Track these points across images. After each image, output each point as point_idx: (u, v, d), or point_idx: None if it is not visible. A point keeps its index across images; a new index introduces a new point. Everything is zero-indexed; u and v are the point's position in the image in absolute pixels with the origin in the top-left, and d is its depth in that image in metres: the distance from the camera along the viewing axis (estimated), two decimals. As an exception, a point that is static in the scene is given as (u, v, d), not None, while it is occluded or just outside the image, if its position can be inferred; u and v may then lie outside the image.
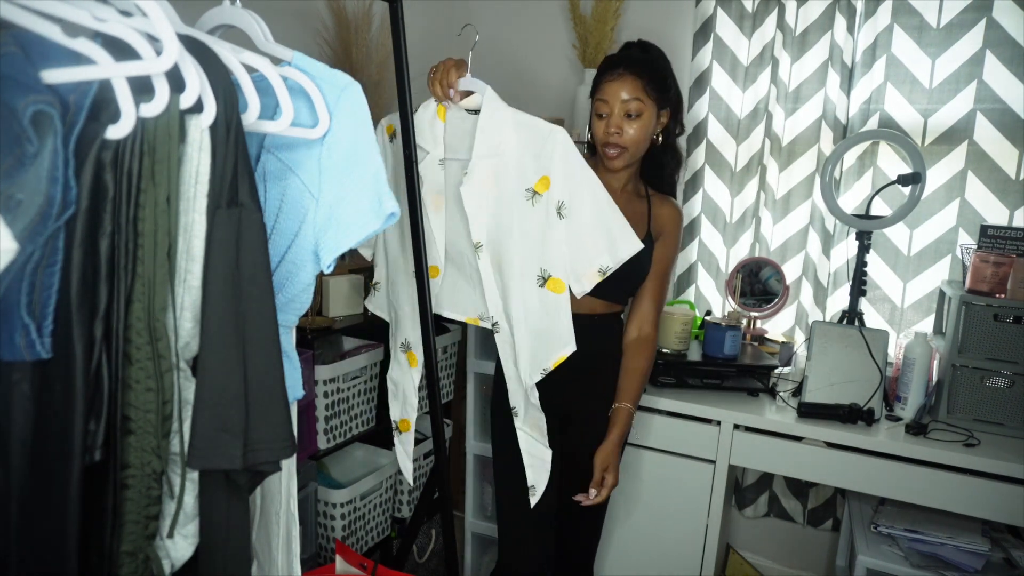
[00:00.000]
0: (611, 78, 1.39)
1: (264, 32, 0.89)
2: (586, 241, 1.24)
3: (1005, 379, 1.62)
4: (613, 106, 1.39)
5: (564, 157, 1.21)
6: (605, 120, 1.41)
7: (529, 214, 1.24)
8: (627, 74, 1.39)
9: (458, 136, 1.30)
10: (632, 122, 1.40)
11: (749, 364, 1.83)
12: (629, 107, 1.39)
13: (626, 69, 1.39)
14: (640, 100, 1.39)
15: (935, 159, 1.89)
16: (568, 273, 1.26)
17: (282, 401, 0.75)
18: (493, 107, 1.25)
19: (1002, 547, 1.64)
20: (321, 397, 1.70)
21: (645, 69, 1.40)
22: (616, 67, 1.40)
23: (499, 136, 1.24)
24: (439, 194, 1.33)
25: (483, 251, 1.29)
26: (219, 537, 0.75)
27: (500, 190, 1.25)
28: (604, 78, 1.41)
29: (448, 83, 1.28)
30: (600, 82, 1.42)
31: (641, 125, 1.40)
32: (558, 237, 1.22)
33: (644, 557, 1.85)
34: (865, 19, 1.91)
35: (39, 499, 0.64)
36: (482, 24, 2.49)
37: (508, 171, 1.24)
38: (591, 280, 1.28)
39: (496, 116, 1.24)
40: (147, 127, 0.66)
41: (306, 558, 1.74)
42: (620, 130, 1.39)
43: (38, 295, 0.61)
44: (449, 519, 1.52)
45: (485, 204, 1.27)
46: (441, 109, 1.31)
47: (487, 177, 1.25)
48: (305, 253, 0.89)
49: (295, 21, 1.85)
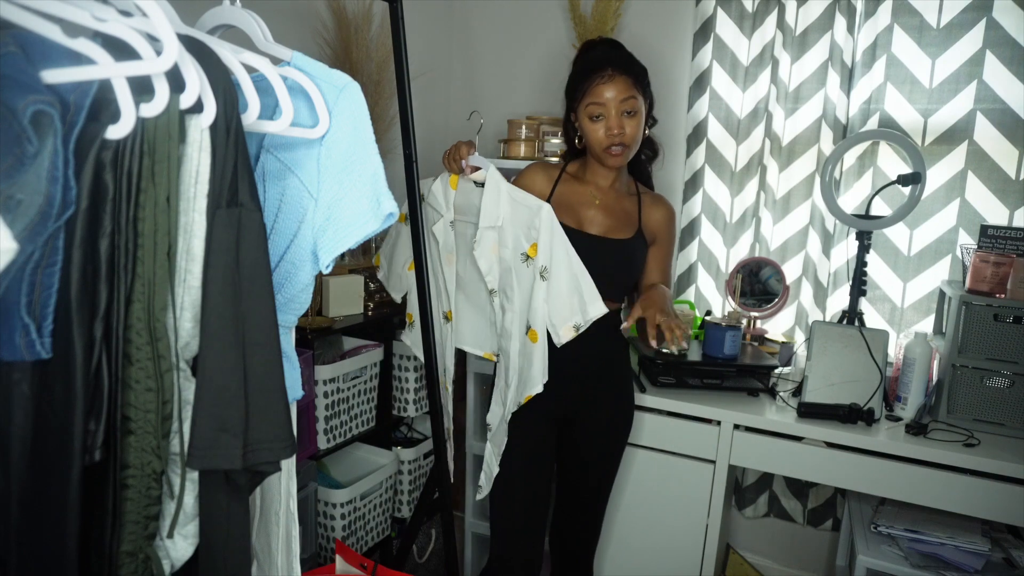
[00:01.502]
0: (601, 80, 1.40)
1: (264, 32, 0.89)
2: (563, 301, 1.42)
3: (1005, 379, 1.62)
4: (610, 107, 1.40)
5: (549, 229, 1.39)
6: (603, 122, 1.41)
7: (525, 274, 1.43)
8: (616, 74, 1.39)
9: (466, 203, 1.50)
10: (630, 119, 1.41)
11: (749, 364, 1.83)
12: (626, 106, 1.40)
13: (614, 69, 1.40)
14: (634, 97, 1.40)
15: (935, 159, 1.89)
16: (549, 326, 1.43)
17: (282, 401, 0.75)
18: (494, 184, 1.43)
19: (1002, 547, 1.64)
20: (321, 397, 1.70)
21: (630, 66, 1.42)
22: (602, 68, 1.40)
23: (498, 210, 1.43)
24: (451, 252, 1.54)
25: (495, 296, 1.49)
26: (219, 537, 0.75)
27: (502, 252, 1.46)
28: (593, 81, 1.40)
29: (460, 156, 1.45)
30: (588, 87, 1.41)
31: (638, 121, 1.42)
32: (541, 296, 1.41)
33: (644, 557, 1.85)
34: (865, 19, 1.91)
35: (39, 499, 0.64)
36: (482, 24, 2.50)
37: (507, 238, 1.44)
38: (567, 334, 1.43)
39: (496, 193, 1.43)
40: (147, 127, 0.66)
41: (306, 558, 1.74)
42: (622, 130, 1.40)
43: (38, 295, 0.61)
44: (449, 519, 1.52)
45: (494, 262, 1.47)
46: (454, 179, 1.51)
47: (492, 242, 1.46)
48: (304, 253, 0.89)
49: (295, 21, 1.85)
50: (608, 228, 1.50)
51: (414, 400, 2.00)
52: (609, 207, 1.51)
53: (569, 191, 1.51)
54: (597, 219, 1.49)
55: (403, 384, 2.00)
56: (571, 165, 1.56)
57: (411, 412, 2.01)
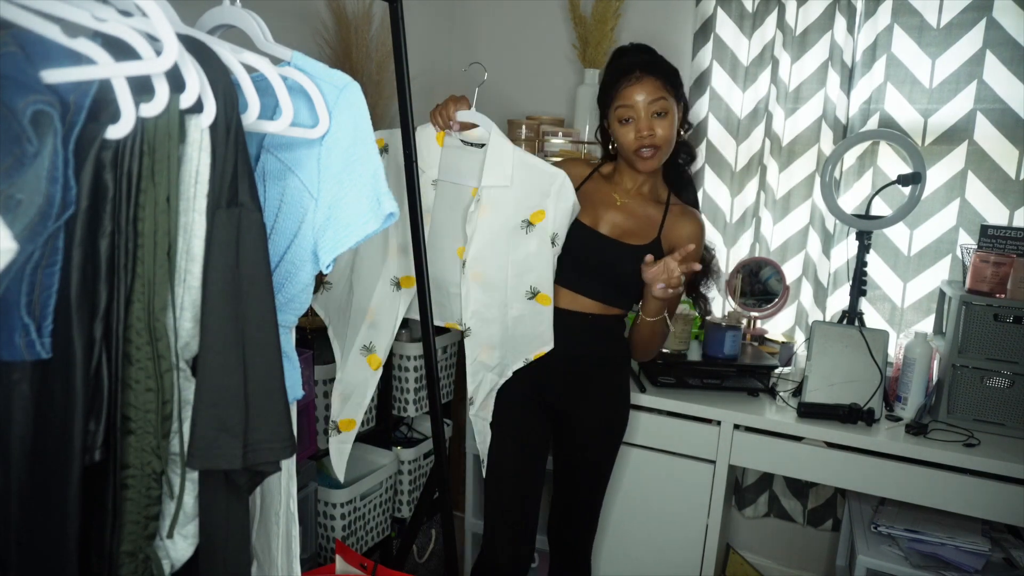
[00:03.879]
0: (630, 83, 1.39)
1: (264, 32, 0.89)
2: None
3: (1005, 379, 1.62)
4: (639, 110, 1.39)
5: (566, 197, 1.40)
6: (633, 125, 1.40)
7: (522, 240, 1.41)
8: (645, 76, 1.39)
9: (453, 162, 1.44)
10: (661, 121, 1.40)
11: (749, 364, 1.83)
12: (655, 107, 1.39)
13: (643, 71, 1.39)
14: (664, 98, 1.40)
15: (935, 159, 1.89)
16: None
17: (282, 401, 0.75)
18: (500, 144, 1.39)
19: (1002, 547, 1.64)
20: (321, 397, 1.70)
21: (660, 68, 1.41)
22: (630, 72, 1.40)
23: (505, 170, 1.39)
24: (427, 211, 1.45)
25: (467, 267, 1.43)
26: (219, 537, 0.75)
27: (494, 217, 1.41)
28: (621, 85, 1.40)
29: (448, 115, 1.40)
30: (617, 90, 1.41)
31: (669, 122, 1.41)
32: (548, 260, 1.42)
33: (644, 557, 1.85)
34: (865, 19, 1.91)
35: (39, 499, 0.64)
36: (482, 24, 2.50)
37: (507, 202, 1.40)
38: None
39: (503, 152, 1.39)
40: (147, 127, 0.66)
41: (306, 558, 1.74)
42: (652, 131, 1.39)
43: (38, 295, 0.61)
44: (449, 519, 1.52)
45: (481, 228, 1.42)
46: (440, 135, 1.45)
47: (488, 205, 1.41)
48: (304, 253, 0.88)
49: (295, 21, 1.85)
50: (623, 232, 1.47)
51: (414, 400, 2.00)
52: (630, 210, 1.49)
53: (594, 189, 1.51)
54: (613, 220, 1.48)
55: (403, 384, 1.99)
56: (606, 166, 1.56)
57: (411, 412, 2.01)
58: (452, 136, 1.44)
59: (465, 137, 1.43)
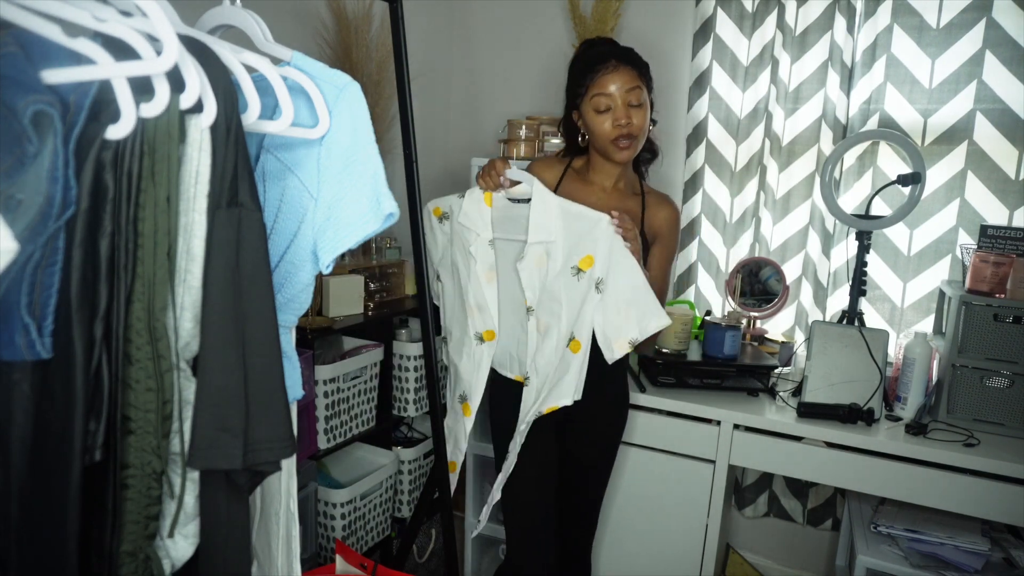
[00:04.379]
0: (607, 72, 1.38)
1: (264, 32, 0.89)
2: (620, 315, 1.39)
3: (1005, 379, 1.62)
4: (617, 98, 1.38)
5: (609, 242, 1.38)
6: (610, 114, 1.39)
7: (575, 287, 1.41)
8: (621, 65, 1.39)
9: (505, 219, 1.48)
10: (636, 110, 1.40)
11: (749, 364, 1.83)
12: (631, 97, 1.39)
13: (618, 60, 1.39)
14: (640, 88, 1.40)
15: (935, 159, 1.89)
16: (601, 341, 1.42)
17: (282, 401, 0.75)
18: (542, 198, 1.41)
19: (1002, 547, 1.64)
20: (321, 397, 1.70)
21: (634, 59, 1.41)
22: (606, 60, 1.39)
23: (549, 224, 1.41)
24: (491, 269, 1.50)
25: (533, 314, 1.46)
26: (219, 537, 0.75)
27: (550, 266, 1.43)
28: (598, 73, 1.39)
29: (498, 174, 1.43)
30: (593, 79, 1.40)
31: (643, 112, 1.41)
32: (591, 308, 1.40)
33: (644, 557, 1.85)
34: (865, 19, 1.91)
35: (39, 499, 0.64)
36: (482, 24, 2.50)
37: (557, 252, 1.42)
38: (621, 349, 1.41)
39: (545, 206, 1.41)
40: (147, 127, 0.66)
41: (306, 558, 1.74)
42: (629, 120, 1.39)
43: (38, 295, 0.61)
44: (449, 519, 1.52)
45: (537, 277, 1.45)
46: (488, 196, 1.48)
47: (540, 256, 1.43)
48: (304, 253, 0.88)
49: (295, 21, 1.85)
50: None
51: (414, 400, 2.00)
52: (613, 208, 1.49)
53: (573, 190, 1.50)
54: None
55: (403, 384, 2.00)
56: (576, 160, 1.55)
57: (411, 412, 2.01)
58: (498, 196, 1.47)
59: (510, 194, 1.46)
